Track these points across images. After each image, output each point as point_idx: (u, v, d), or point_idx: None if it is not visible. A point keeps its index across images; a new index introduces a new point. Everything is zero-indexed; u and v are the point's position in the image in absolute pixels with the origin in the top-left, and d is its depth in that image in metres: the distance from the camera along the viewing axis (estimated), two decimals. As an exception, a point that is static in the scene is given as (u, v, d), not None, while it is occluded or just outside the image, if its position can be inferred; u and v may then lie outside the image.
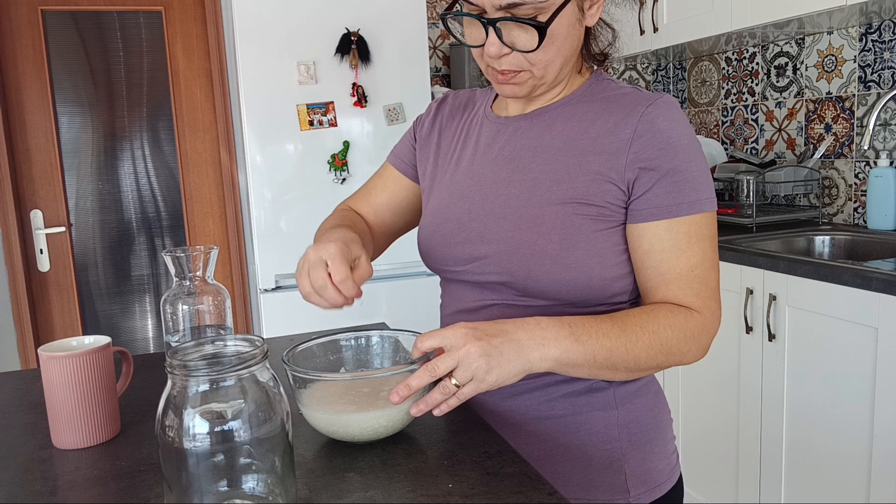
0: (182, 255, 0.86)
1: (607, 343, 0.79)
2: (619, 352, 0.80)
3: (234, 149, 2.94)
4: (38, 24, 2.71)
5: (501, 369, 0.74)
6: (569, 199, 0.85)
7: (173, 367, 0.60)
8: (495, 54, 0.85)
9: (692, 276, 0.85)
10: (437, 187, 1.01)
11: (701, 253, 0.85)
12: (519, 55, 0.85)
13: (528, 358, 0.75)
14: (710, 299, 0.86)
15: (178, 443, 0.59)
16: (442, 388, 0.74)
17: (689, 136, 0.86)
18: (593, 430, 0.90)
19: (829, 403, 1.70)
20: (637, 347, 0.81)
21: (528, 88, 0.89)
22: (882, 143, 2.21)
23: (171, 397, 0.60)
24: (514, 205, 0.88)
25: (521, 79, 0.87)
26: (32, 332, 2.78)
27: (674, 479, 0.96)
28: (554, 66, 0.87)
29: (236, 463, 0.61)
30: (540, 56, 0.85)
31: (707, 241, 0.86)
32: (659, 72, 3.22)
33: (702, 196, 0.85)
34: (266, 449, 0.62)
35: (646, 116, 0.85)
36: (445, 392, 0.74)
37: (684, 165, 0.84)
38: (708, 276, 0.86)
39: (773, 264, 1.81)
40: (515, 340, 0.75)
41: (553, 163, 0.88)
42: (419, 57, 2.51)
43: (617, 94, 0.91)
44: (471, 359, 0.73)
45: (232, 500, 0.62)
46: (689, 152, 0.85)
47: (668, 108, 0.86)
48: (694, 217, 0.85)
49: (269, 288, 2.46)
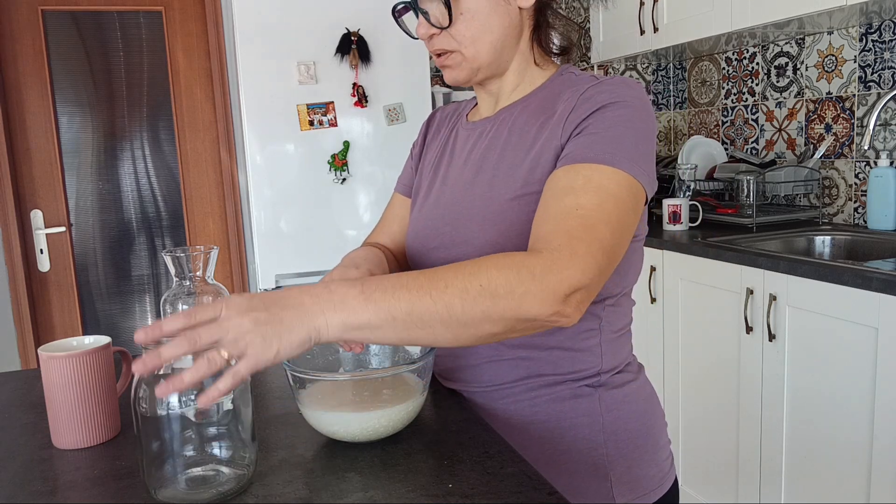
0: (182, 255, 0.86)
1: (406, 296, 0.67)
2: (424, 303, 0.67)
3: (234, 149, 2.94)
4: (38, 24, 2.71)
5: (282, 339, 0.64)
6: (524, 191, 0.85)
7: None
8: (423, 34, 0.90)
9: (574, 214, 0.73)
10: (418, 197, 1.04)
11: (596, 200, 0.74)
12: (446, 35, 0.89)
13: (312, 324, 0.66)
14: (578, 241, 0.71)
15: (149, 411, 0.67)
16: (208, 361, 0.62)
17: (629, 106, 0.81)
18: (578, 437, 0.89)
19: (829, 403, 1.70)
20: (447, 294, 0.68)
21: (465, 72, 0.92)
22: (882, 143, 2.21)
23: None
24: (478, 205, 0.89)
25: (453, 60, 0.91)
26: (32, 332, 2.78)
27: (666, 486, 0.95)
28: (483, 45, 0.89)
29: (201, 430, 0.69)
30: (463, 31, 0.88)
31: (609, 196, 0.75)
32: (659, 72, 3.22)
33: (618, 154, 0.78)
34: (229, 417, 0.69)
35: (587, 92, 0.84)
36: (212, 366, 0.62)
37: (609, 123, 0.80)
38: (594, 225, 0.73)
39: (774, 264, 1.81)
40: (297, 306, 0.66)
41: (509, 158, 0.89)
42: (419, 57, 2.51)
43: (572, 81, 0.90)
44: (241, 331, 0.63)
45: (199, 465, 0.70)
46: (621, 114, 0.80)
47: (614, 85, 0.83)
48: (601, 167, 0.77)
49: (269, 288, 2.46)
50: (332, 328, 0.66)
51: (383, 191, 2.52)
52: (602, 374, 0.90)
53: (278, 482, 0.72)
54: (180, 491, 0.68)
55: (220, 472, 0.70)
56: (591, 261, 0.71)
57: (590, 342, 0.89)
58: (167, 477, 0.68)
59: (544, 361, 0.89)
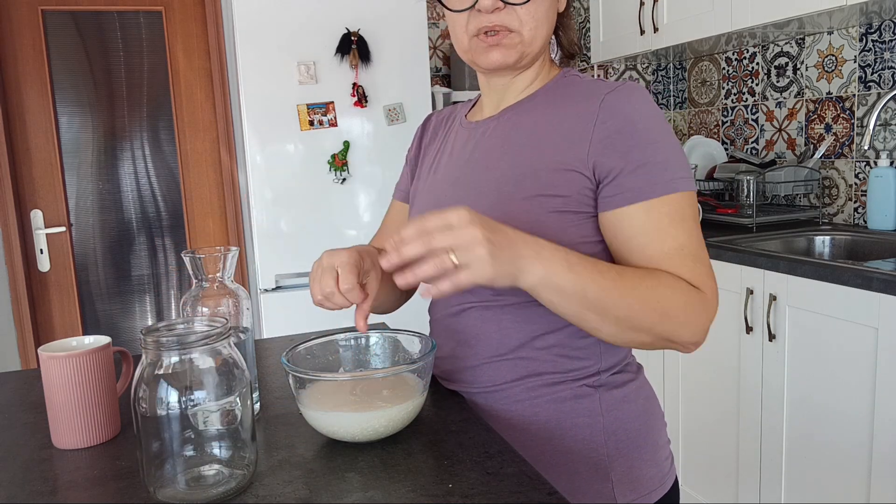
0: (201, 256, 0.86)
1: (601, 281, 0.74)
2: (612, 295, 0.75)
3: (234, 149, 2.94)
4: (38, 24, 2.71)
5: (499, 265, 0.69)
6: (534, 193, 0.85)
7: (147, 342, 0.67)
8: (489, 7, 0.85)
9: (683, 254, 0.81)
10: (416, 197, 1.03)
11: (686, 233, 0.82)
12: (512, 12, 0.86)
13: (520, 265, 0.71)
14: (707, 277, 0.81)
15: (149, 411, 0.67)
16: (439, 262, 0.67)
17: (654, 117, 0.84)
18: (579, 437, 0.89)
19: (829, 403, 1.70)
20: (632, 297, 0.75)
21: (516, 54, 0.89)
22: (882, 143, 2.21)
23: (143, 371, 0.67)
24: (483, 204, 0.88)
25: (510, 40, 0.88)
26: (32, 332, 2.78)
27: (666, 487, 0.95)
28: (540, 33, 0.88)
29: (201, 430, 0.68)
30: (531, 12, 0.86)
31: (691, 222, 0.82)
32: (659, 72, 3.22)
33: (676, 175, 0.82)
34: (230, 418, 0.69)
35: (607, 101, 0.84)
36: (441, 266, 0.67)
37: (651, 146, 0.82)
38: (699, 254, 0.82)
39: (774, 264, 1.81)
40: (513, 244, 0.71)
41: (518, 158, 0.89)
42: (419, 57, 2.51)
43: (581, 85, 0.91)
44: (474, 242, 0.67)
45: (199, 465, 0.69)
46: (656, 131, 0.83)
47: (630, 92, 0.85)
48: (671, 197, 0.81)
49: (270, 288, 2.46)
50: (532, 276, 0.72)
51: (383, 191, 2.52)
52: (601, 374, 0.90)
53: (278, 482, 0.72)
54: (180, 491, 0.68)
55: (220, 472, 0.70)
56: (716, 287, 0.82)
57: (588, 341, 0.89)
58: (167, 477, 0.68)
59: (544, 361, 0.89)
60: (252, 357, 0.89)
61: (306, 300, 2.34)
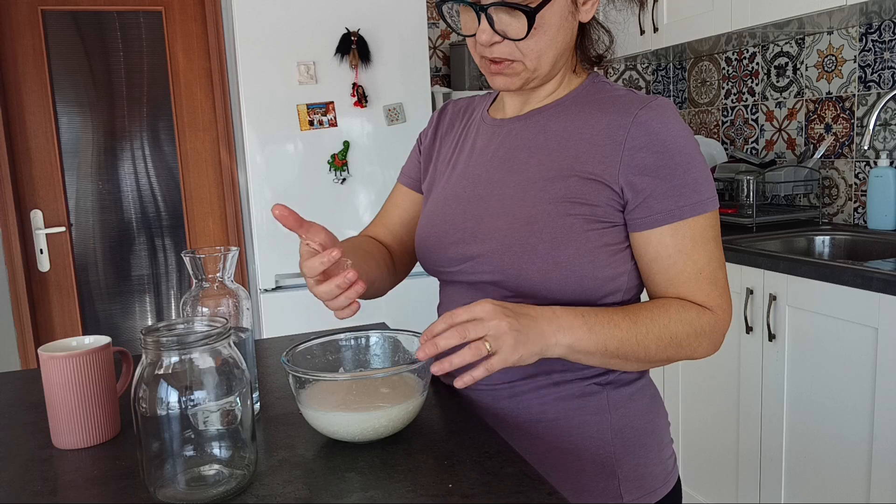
0: (201, 256, 0.86)
1: (618, 334, 0.81)
2: (630, 343, 0.82)
3: (234, 149, 2.94)
4: (38, 24, 2.71)
5: (525, 348, 0.75)
6: (561, 197, 0.85)
7: (147, 342, 0.67)
8: (486, 41, 0.85)
9: (700, 278, 0.86)
10: (434, 191, 1.02)
11: (707, 255, 0.86)
12: (511, 44, 0.85)
13: (545, 342, 0.77)
14: (720, 298, 0.87)
15: (149, 411, 0.67)
16: (475, 349, 0.73)
17: (685, 137, 0.85)
18: (586, 435, 0.89)
19: (829, 403, 1.70)
20: (647, 339, 0.82)
21: (520, 81, 0.89)
22: (882, 143, 2.21)
23: (143, 371, 0.68)
24: (508, 204, 0.88)
25: (513, 69, 0.88)
26: (32, 332, 2.78)
27: (670, 484, 0.95)
28: (546, 59, 0.87)
29: (201, 430, 0.68)
30: (531, 45, 0.85)
31: (712, 242, 0.87)
32: (659, 72, 3.22)
33: (704, 197, 0.85)
34: (230, 418, 0.69)
35: (639, 118, 0.84)
36: (477, 353, 0.73)
37: (682, 167, 0.84)
38: (716, 276, 0.87)
39: (774, 264, 1.81)
40: (536, 324, 0.77)
41: (547, 162, 0.88)
42: (419, 57, 2.51)
43: (612, 95, 0.90)
44: (501, 331, 0.74)
45: (199, 465, 0.69)
46: (687, 153, 0.85)
47: (662, 110, 0.85)
48: (697, 220, 0.85)
49: (269, 288, 2.46)
50: (558, 348, 0.79)
51: (383, 191, 2.52)
52: (609, 372, 0.91)
53: (278, 482, 0.72)
54: (180, 491, 0.68)
55: (220, 472, 0.70)
56: (729, 305, 0.88)
57: None
58: (167, 477, 0.68)
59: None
60: (252, 357, 0.89)
61: (306, 300, 2.34)
